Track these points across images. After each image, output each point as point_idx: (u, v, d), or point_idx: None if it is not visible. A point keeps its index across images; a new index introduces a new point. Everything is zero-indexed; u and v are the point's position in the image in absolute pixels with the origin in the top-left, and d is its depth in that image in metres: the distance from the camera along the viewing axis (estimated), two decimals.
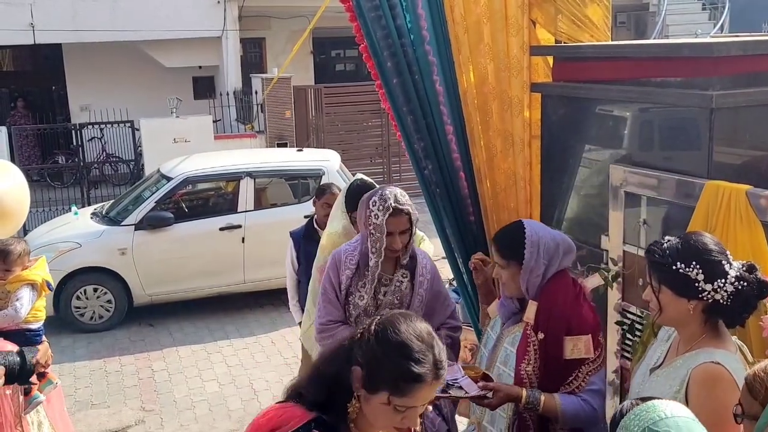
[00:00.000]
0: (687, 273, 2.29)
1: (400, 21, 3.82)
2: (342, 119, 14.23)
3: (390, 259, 3.43)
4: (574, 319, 2.85)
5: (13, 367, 2.56)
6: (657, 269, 2.36)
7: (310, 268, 5.51)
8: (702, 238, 2.35)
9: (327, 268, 3.56)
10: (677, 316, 2.36)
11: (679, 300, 2.32)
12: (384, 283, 3.44)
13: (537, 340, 2.86)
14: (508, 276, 2.96)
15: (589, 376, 2.83)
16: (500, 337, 3.08)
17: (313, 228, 5.56)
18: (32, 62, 18.35)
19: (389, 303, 3.41)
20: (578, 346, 2.80)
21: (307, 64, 18.26)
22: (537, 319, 2.87)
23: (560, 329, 2.84)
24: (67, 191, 13.20)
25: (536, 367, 2.85)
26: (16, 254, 4.23)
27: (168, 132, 12.85)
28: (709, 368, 2.24)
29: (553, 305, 2.87)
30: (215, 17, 15.73)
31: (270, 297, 8.97)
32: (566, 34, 3.73)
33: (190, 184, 9.01)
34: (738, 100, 2.82)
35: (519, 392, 2.82)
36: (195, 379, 7.14)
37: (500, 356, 3.02)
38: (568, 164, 3.59)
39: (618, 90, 3.31)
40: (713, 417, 2.12)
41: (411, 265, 3.48)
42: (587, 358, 2.82)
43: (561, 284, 2.92)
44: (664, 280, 2.34)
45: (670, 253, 2.33)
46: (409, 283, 3.47)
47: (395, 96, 3.93)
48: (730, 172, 2.80)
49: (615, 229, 3.15)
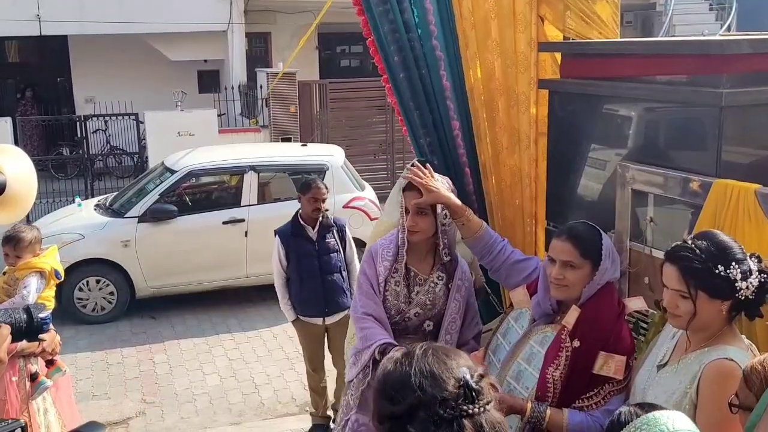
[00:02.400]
0: (727, 275, 2.26)
1: (407, 15, 3.80)
2: (346, 115, 14.21)
3: (426, 258, 3.34)
4: (613, 335, 2.74)
5: (20, 325, 2.54)
6: (694, 274, 2.29)
7: (301, 265, 5.52)
8: (724, 237, 2.34)
9: (363, 262, 3.47)
10: (709, 319, 2.32)
11: (713, 302, 2.29)
12: (419, 282, 3.35)
13: (571, 347, 2.74)
14: (579, 277, 2.77)
15: (610, 395, 2.72)
16: (527, 333, 2.95)
17: (300, 224, 5.56)
18: (38, 54, 18.33)
19: (421, 303, 3.32)
20: (609, 364, 2.70)
21: (312, 60, 18.24)
22: (577, 325, 2.76)
23: (598, 342, 2.73)
24: (71, 183, 13.21)
25: (563, 374, 2.74)
26: (26, 241, 4.22)
27: (172, 125, 12.85)
28: (723, 364, 2.23)
29: (597, 316, 2.76)
30: (221, 11, 15.72)
31: (272, 291, 8.78)
32: (574, 31, 3.71)
33: (194, 178, 9.02)
34: (747, 99, 2.80)
35: (523, 405, 2.73)
36: (196, 371, 7.14)
37: (524, 353, 2.90)
38: (574, 161, 3.57)
39: (626, 87, 3.28)
40: (723, 411, 2.11)
41: (449, 268, 3.36)
42: (614, 378, 2.71)
43: (608, 297, 2.81)
44: (702, 284, 2.29)
45: (707, 257, 2.28)
46: (444, 286, 3.35)
47: (402, 91, 3.92)
48: (738, 171, 2.78)
49: (621, 227, 3.13)
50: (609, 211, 3.22)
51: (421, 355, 1.62)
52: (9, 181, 2.16)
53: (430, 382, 1.56)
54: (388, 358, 1.70)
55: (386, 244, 3.43)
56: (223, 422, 6.19)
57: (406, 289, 3.33)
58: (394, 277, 3.35)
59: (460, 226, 3.26)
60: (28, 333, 2.61)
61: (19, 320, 2.56)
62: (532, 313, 2.98)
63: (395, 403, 1.57)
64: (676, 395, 2.32)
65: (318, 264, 5.52)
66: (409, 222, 3.20)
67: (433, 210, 3.22)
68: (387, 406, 1.59)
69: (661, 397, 2.36)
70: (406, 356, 1.64)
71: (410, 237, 3.25)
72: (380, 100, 13.30)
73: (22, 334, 2.56)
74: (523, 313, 3.05)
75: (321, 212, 5.52)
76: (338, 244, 5.61)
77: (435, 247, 3.33)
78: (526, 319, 3.01)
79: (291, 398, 6.58)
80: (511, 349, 2.98)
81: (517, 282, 3.16)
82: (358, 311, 3.39)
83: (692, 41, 3.22)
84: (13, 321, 2.51)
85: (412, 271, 3.35)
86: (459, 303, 3.35)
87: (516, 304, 3.11)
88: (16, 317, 2.54)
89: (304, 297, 5.54)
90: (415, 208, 3.19)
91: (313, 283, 5.49)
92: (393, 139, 13.76)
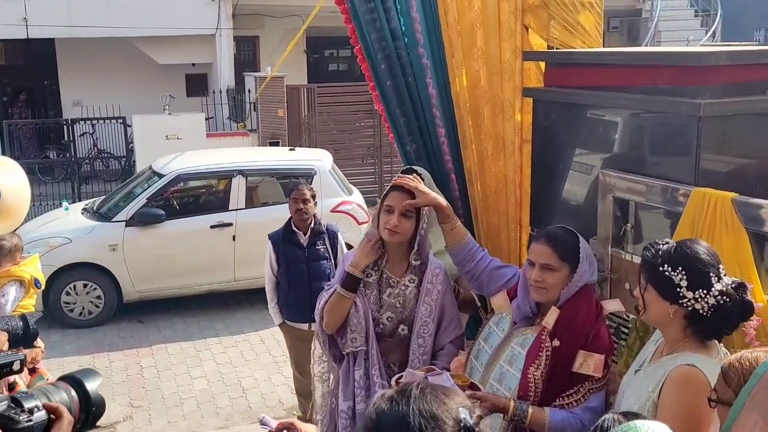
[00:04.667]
0: (671, 276, 2.35)
1: (394, 24, 3.85)
2: (334, 119, 14.24)
3: (401, 261, 3.35)
4: (592, 335, 2.81)
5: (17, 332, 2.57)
6: (646, 268, 2.44)
7: (290, 270, 5.57)
8: (696, 247, 2.39)
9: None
10: (659, 318, 2.43)
11: (662, 302, 2.39)
12: (391, 284, 3.35)
13: (551, 347, 2.81)
14: (557, 280, 2.85)
15: (590, 393, 2.79)
16: (508, 336, 3.01)
17: (291, 230, 5.60)
18: (25, 57, 18.27)
19: (391, 306, 3.32)
20: (588, 362, 2.77)
21: (300, 64, 18.27)
22: (556, 326, 2.83)
23: (577, 341, 2.80)
24: (58, 186, 13.18)
25: (544, 373, 2.81)
26: (5, 250, 4.16)
27: (160, 129, 12.83)
28: (683, 370, 2.30)
29: (576, 316, 2.83)
30: (209, 15, 15.73)
31: (260, 295, 8.88)
32: (558, 40, 3.77)
33: (182, 182, 9.02)
34: (726, 109, 2.86)
35: (506, 403, 2.78)
36: (184, 376, 7.15)
37: (506, 355, 2.96)
38: (558, 168, 3.62)
39: (608, 96, 3.34)
40: (680, 416, 2.20)
41: (420, 271, 3.35)
42: (593, 376, 2.79)
43: (586, 299, 2.88)
44: (651, 279, 2.41)
45: (661, 254, 2.39)
46: (416, 288, 3.34)
47: (389, 98, 3.96)
48: (717, 179, 2.84)
49: (603, 233, 3.19)
50: (592, 218, 3.27)
51: (419, 394, 1.56)
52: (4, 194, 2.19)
53: (430, 423, 1.50)
54: (380, 395, 1.62)
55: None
56: (211, 426, 6.21)
57: (377, 291, 3.34)
58: (366, 273, 3.33)
59: (448, 232, 3.29)
60: (25, 340, 2.64)
61: (16, 327, 2.59)
62: (513, 316, 3.04)
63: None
64: (642, 398, 2.39)
65: (306, 270, 5.56)
66: (393, 222, 3.19)
67: (417, 213, 3.26)
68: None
69: (631, 399, 2.44)
70: (402, 395, 1.57)
71: (390, 237, 3.24)
72: (368, 105, 13.32)
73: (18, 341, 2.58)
74: (503, 317, 3.11)
75: (307, 215, 5.56)
76: (329, 252, 5.64)
77: (410, 250, 3.35)
78: (507, 323, 3.07)
79: (278, 402, 6.61)
80: (492, 352, 3.03)
81: (498, 288, 3.22)
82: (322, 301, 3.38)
83: (672, 52, 3.28)
84: (10, 328, 2.54)
85: (386, 273, 3.35)
86: (430, 306, 3.32)
87: (496, 308, 3.17)
88: (12, 324, 2.57)
89: (291, 301, 5.59)
90: (401, 210, 3.21)
91: (300, 289, 5.53)
92: (381, 144, 13.79)
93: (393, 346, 3.35)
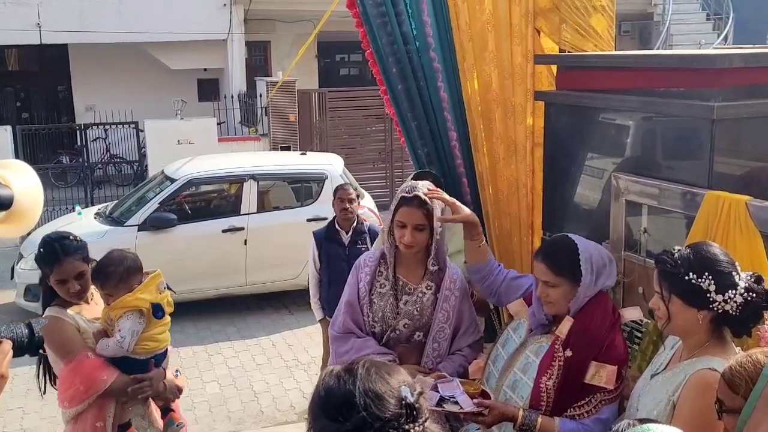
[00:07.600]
0: (699, 284, 2.30)
1: (405, 28, 3.86)
2: (346, 123, 14.27)
3: (417, 267, 3.31)
4: (606, 345, 2.76)
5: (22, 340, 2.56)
6: (668, 279, 2.36)
7: (331, 268, 5.68)
8: (713, 249, 2.37)
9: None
10: (685, 326, 2.37)
11: (688, 310, 2.33)
12: (407, 292, 3.31)
13: (564, 357, 2.77)
14: (560, 294, 2.80)
15: (601, 405, 2.74)
16: (524, 343, 2.97)
17: (334, 228, 5.75)
18: (38, 62, 18.43)
19: (409, 313, 3.28)
20: (600, 373, 2.72)
21: (311, 68, 18.32)
22: (569, 335, 2.79)
23: (589, 352, 2.75)
24: (70, 191, 13.24)
25: (556, 383, 2.77)
26: (115, 277, 3.53)
27: (172, 133, 12.90)
28: (705, 374, 2.26)
29: (589, 326, 2.78)
30: (221, 20, 15.80)
31: (271, 299, 9.00)
32: (570, 44, 3.76)
33: (194, 186, 9.05)
34: (739, 112, 2.85)
35: (515, 412, 2.75)
36: (196, 380, 7.16)
37: (520, 362, 2.93)
38: (570, 172, 3.61)
39: (620, 99, 3.33)
40: (699, 420, 2.16)
41: (438, 277, 3.31)
42: (605, 387, 2.73)
43: (601, 307, 2.82)
44: (675, 290, 2.35)
45: (682, 263, 2.34)
46: (433, 295, 3.30)
47: (400, 102, 3.97)
48: (730, 182, 2.82)
49: (615, 237, 3.17)
50: (604, 221, 3.26)
51: (365, 373, 1.62)
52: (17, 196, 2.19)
53: (375, 402, 1.56)
54: (328, 372, 1.67)
55: (370, 254, 3.44)
56: (222, 430, 6.21)
57: (393, 299, 3.30)
58: (380, 283, 3.33)
59: (475, 248, 3.27)
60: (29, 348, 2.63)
61: (20, 335, 2.58)
62: (529, 323, 3.01)
63: (337, 422, 1.56)
64: (662, 403, 2.36)
65: (347, 268, 5.58)
66: (408, 238, 3.17)
67: (429, 222, 3.23)
68: (329, 425, 1.58)
69: (649, 404, 2.40)
70: (349, 373, 1.63)
71: (406, 250, 3.23)
72: (379, 109, 13.34)
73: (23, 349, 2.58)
74: (521, 323, 3.07)
75: (352, 214, 5.68)
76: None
77: (427, 257, 3.31)
78: (524, 330, 3.03)
79: (290, 406, 6.61)
80: (507, 359, 3.00)
81: (515, 299, 3.19)
82: (339, 329, 3.37)
83: (685, 55, 3.26)
84: (15, 336, 2.54)
85: (401, 280, 3.32)
86: (447, 313, 3.29)
87: (514, 314, 3.14)
88: (17, 332, 2.57)
89: (331, 298, 5.64)
90: (413, 225, 3.17)
91: (340, 286, 5.56)
92: (392, 148, 13.80)
93: (408, 351, 3.33)
